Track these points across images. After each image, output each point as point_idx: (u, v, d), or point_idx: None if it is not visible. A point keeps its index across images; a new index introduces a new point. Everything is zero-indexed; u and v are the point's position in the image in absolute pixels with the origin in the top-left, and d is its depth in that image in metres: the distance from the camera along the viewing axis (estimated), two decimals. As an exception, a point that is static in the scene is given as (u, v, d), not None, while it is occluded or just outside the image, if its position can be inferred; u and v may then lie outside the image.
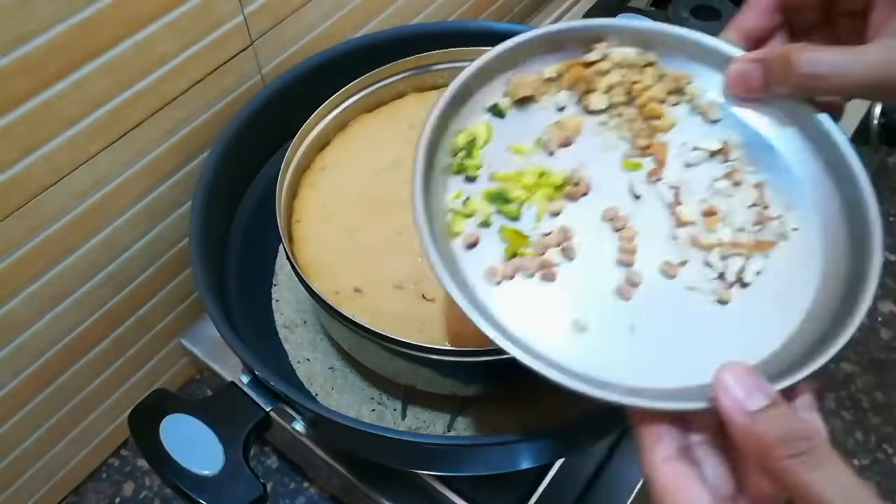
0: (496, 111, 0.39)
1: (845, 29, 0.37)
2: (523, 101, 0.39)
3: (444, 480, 0.51)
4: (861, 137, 0.73)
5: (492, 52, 0.39)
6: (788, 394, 0.30)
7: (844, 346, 0.31)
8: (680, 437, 0.31)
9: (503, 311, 0.34)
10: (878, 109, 0.74)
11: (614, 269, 0.36)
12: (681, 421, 0.31)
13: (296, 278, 0.47)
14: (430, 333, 0.45)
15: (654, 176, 0.38)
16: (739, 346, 0.33)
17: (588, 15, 0.81)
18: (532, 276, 0.35)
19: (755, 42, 0.38)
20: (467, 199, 0.37)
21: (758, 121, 0.38)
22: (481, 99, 0.39)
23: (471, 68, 0.38)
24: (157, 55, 0.48)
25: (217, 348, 0.57)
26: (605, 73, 0.39)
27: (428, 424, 0.51)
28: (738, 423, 0.28)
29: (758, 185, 0.37)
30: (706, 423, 0.31)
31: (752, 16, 0.37)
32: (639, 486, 0.51)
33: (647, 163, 0.38)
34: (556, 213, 0.37)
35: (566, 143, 0.39)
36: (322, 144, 0.54)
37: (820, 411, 0.31)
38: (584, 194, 0.37)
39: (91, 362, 0.57)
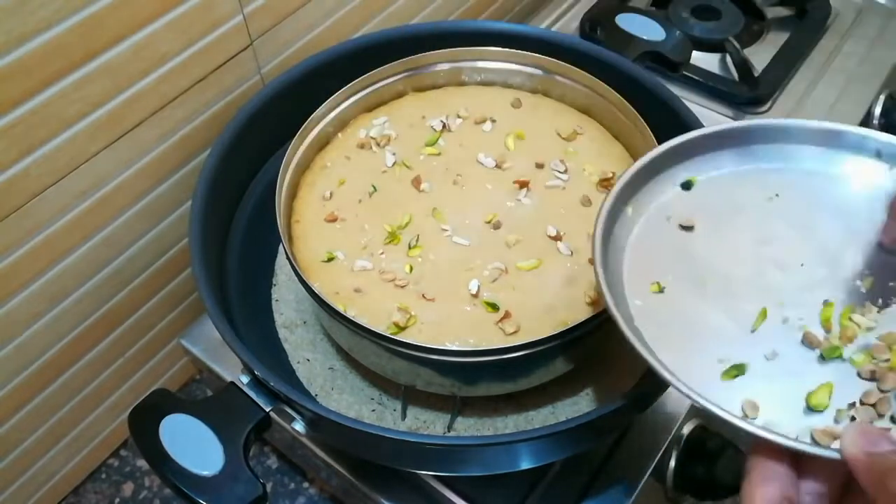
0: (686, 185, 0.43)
1: None
2: None
3: (444, 480, 0.51)
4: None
5: (688, 136, 0.42)
6: None
7: None
8: (788, 484, 0.31)
9: None
10: (878, 110, 0.74)
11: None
12: (795, 466, 0.31)
13: (296, 278, 0.47)
14: (430, 333, 0.45)
15: None
16: None
17: (587, 16, 0.81)
18: None
19: None
20: None
21: None
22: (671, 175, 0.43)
23: (660, 148, 0.42)
24: (156, 55, 0.48)
25: (217, 348, 0.57)
26: None
27: (428, 424, 0.51)
28: (861, 458, 0.29)
29: None
30: (822, 474, 0.31)
31: None
32: (639, 486, 0.51)
33: None
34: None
35: None
36: (322, 144, 0.54)
37: None
38: None
39: (91, 362, 0.57)
